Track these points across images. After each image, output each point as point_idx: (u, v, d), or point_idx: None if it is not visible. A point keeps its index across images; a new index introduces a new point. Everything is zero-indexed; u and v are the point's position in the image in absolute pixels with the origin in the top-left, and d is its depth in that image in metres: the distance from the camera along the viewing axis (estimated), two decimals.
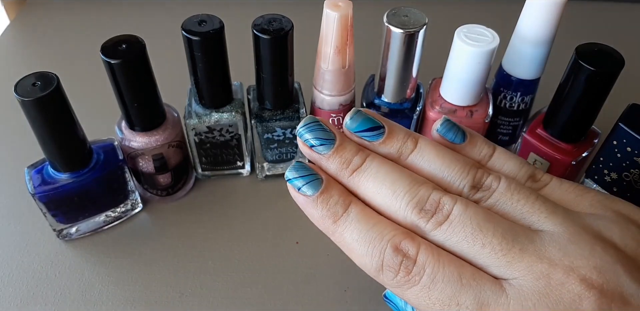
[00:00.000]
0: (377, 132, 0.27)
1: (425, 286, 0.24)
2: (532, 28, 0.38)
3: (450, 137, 0.29)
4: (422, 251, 0.25)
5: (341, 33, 0.36)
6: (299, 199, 0.27)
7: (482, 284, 0.24)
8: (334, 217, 0.26)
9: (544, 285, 0.23)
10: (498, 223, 0.25)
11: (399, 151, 0.27)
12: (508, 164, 0.29)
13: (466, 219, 0.25)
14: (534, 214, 0.25)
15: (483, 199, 0.26)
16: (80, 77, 0.53)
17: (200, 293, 0.39)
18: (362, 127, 0.27)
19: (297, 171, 0.27)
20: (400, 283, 0.25)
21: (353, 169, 0.27)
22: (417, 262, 0.24)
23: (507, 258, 0.24)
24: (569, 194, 0.27)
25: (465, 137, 0.29)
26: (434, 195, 0.26)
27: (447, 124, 0.29)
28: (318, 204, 0.26)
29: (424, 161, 0.27)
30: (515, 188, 0.26)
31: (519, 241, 0.24)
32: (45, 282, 0.39)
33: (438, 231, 0.25)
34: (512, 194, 0.26)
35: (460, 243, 0.25)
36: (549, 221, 0.25)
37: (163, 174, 0.42)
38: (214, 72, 0.39)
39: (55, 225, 0.40)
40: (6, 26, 0.62)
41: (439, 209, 0.25)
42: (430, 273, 0.24)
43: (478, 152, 0.29)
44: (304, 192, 0.26)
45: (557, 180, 0.28)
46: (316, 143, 0.27)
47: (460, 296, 0.24)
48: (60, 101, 0.34)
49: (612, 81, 0.35)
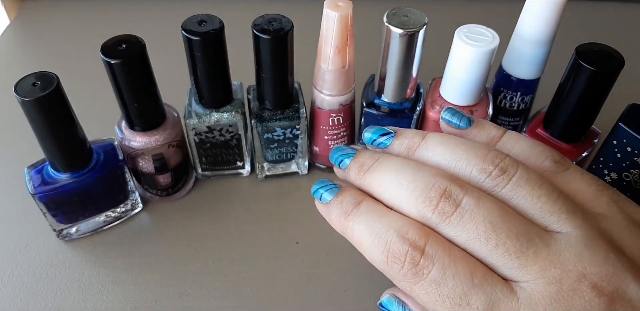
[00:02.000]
0: (388, 136, 0.29)
1: (434, 281, 0.24)
2: (532, 28, 0.38)
3: (455, 123, 0.29)
4: (431, 243, 0.24)
5: (341, 33, 0.36)
6: (321, 209, 0.28)
7: (494, 286, 0.24)
8: (346, 213, 0.27)
9: (555, 291, 0.23)
10: (513, 223, 0.24)
11: (407, 147, 0.28)
12: (520, 144, 0.28)
13: (478, 216, 0.24)
14: (553, 214, 0.25)
15: (499, 186, 0.25)
16: (80, 77, 0.53)
17: (200, 293, 0.39)
18: (376, 136, 0.29)
19: (319, 183, 0.28)
20: (407, 276, 0.24)
21: (365, 170, 0.28)
22: (425, 253, 0.24)
23: (520, 260, 0.24)
24: (591, 186, 0.27)
25: (471, 121, 0.29)
26: (441, 182, 0.25)
27: (450, 110, 0.30)
28: (333, 205, 0.27)
29: (429, 152, 0.27)
30: (536, 180, 0.25)
31: (533, 243, 0.24)
32: (45, 282, 0.39)
33: (448, 224, 0.24)
34: (532, 187, 0.25)
35: (472, 241, 0.24)
36: (568, 223, 0.24)
37: (163, 174, 0.42)
38: (214, 72, 0.39)
39: (55, 225, 0.40)
40: (6, 26, 0.62)
41: (446, 197, 0.25)
42: (440, 268, 0.24)
43: (486, 135, 0.28)
44: (325, 199, 0.28)
45: (577, 168, 0.27)
46: (340, 159, 0.29)
47: (471, 296, 0.23)
48: (60, 101, 0.34)
49: (612, 81, 0.35)
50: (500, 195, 0.25)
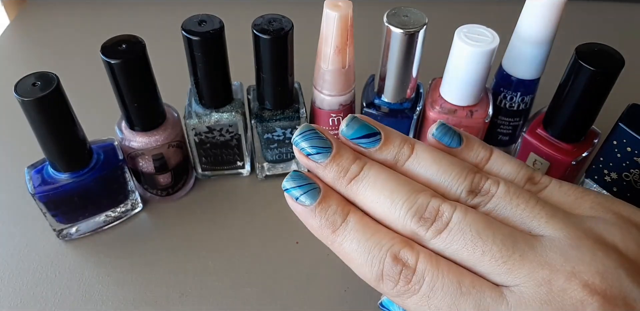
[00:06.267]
0: (373, 139, 0.27)
1: (424, 295, 0.24)
2: (532, 28, 0.38)
3: (446, 142, 0.28)
4: (421, 259, 0.24)
5: (341, 33, 0.36)
6: (297, 209, 0.27)
7: (482, 292, 0.24)
8: (333, 227, 0.26)
9: (545, 292, 0.23)
10: (497, 230, 0.25)
11: (395, 157, 0.27)
12: (506, 167, 0.28)
13: (465, 227, 0.25)
14: (534, 219, 0.25)
15: (482, 204, 0.26)
16: (80, 77, 0.53)
17: (200, 293, 0.39)
18: (358, 134, 0.27)
19: (295, 181, 0.26)
20: (400, 292, 0.25)
21: (350, 177, 0.26)
22: (416, 271, 0.24)
23: (507, 265, 0.24)
24: (569, 197, 0.27)
25: (462, 141, 0.29)
26: (433, 203, 0.25)
27: (443, 128, 0.29)
28: (317, 214, 0.26)
29: (420, 167, 0.27)
30: (514, 192, 0.26)
31: (518, 247, 0.24)
32: (45, 282, 0.39)
33: (438, 239, 0.25)
34: (511, 198, 0.26)
35: (460, 251, 0.24)
36: (550, 226, 0.25)
37: (163, 174, 0.42)
38: (214, 72, 0.39)
39: (55, 225, 0.40)
40: (6, 26, 0.62)
41: (439, 217, 0.25)
42: (429, 282, 0.24)
43: (475, 156, 0.29)
44: (302, 202, 0.26)
45: (557, 182, 0.28)
46: (312, 151, 0.26)
47: (460, 304, 0.24)
48: (60, 101, 0.34)
49: (612, 81, 0.35)
50: (483, 210, 0.26)
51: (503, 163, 0.29)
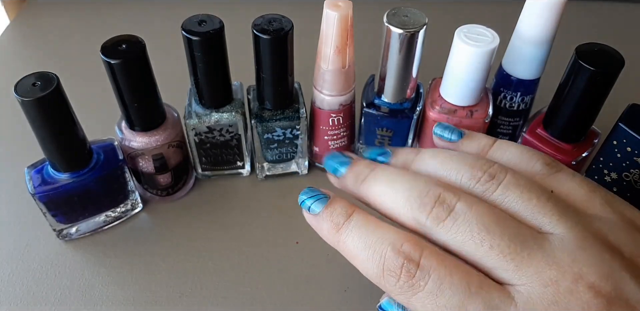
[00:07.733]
0: (385, 155, 0.31)
1: (431, 292, 0.24)
2: (532, 28, 0.38)
3: (446, 136, 0.30)
4: (425, 255, 0.24)
5: (341, 33, 0.36)
6: (311, 221, 0.28)
7: (490, 292, 0.24)
8: (337, 227, 0.27)
9: (552, 293, 0.23)
10: (506, 225, 0.24)
11: (402, 163, 0.29)
12: (510, 151, 0.28)
13: (472, 218, 0.24)
14: (545, 216, 0.25)
15: (489, 191, 0.26)
16: (80, 77, 0.53)
17: (200, 293, 0.39)
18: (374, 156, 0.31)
19: (307, 193, 0.28)
20: (403, 288, 0.24)
21: (362, 179, 0.28)
22: (420, 266, 0.24)
23: (515, 262, 0.24)
24: (582, 189, 0.27)
25: (462, 133, 0.30)
26: (435, 189, 0.25)
27: (442, 124, 0.31)
28: (323, 218, 0.27)
29: (423, 165, 0.28)
30: (525, 184, 0.26)
31: (527, 245, 0.24)
32: (45, 282, 0.39)
33: (442, 228, 0.25)
34: (522, 191, 0.25)
35: (467, 243, 0.24)
36: (560, 224, 0.25)
37: (163, 174, 0.42)
38: (214, 72, 0.39)
39: (55, 225, 0.40)
40: (6, 26, 0.62)
41: (439, 203, 0.25)
42: (436, 279, 0.24)
43: (477, 145, 0.29)
44: (313, 210, 0.27)
45: (569, 170, 0.28)
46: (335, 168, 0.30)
47: (469, 305, 0.23)
48: (60, 101, 0.34)
49: (612, 81, 0.35)
50: (492, 200, 0.26)
51: (507, 147, 0.29)
